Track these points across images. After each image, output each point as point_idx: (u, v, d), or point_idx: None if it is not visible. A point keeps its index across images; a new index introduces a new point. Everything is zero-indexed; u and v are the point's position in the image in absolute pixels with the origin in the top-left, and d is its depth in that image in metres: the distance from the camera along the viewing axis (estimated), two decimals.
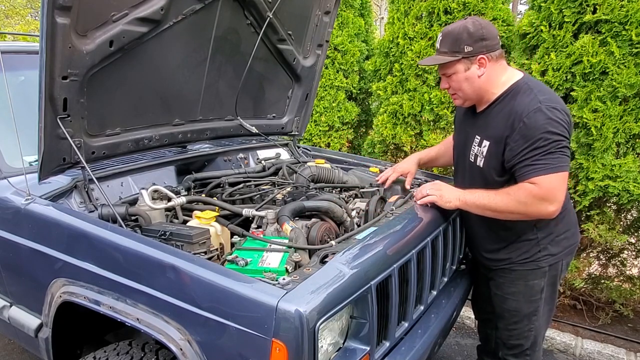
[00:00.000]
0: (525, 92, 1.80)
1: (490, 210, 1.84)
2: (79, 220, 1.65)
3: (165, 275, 1.40)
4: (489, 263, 2.10)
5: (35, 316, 1.89)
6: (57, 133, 1.73)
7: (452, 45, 1.82)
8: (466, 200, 1.90)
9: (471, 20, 1.83)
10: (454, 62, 1.84)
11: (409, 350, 1.66)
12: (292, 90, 2.97)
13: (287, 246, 1.57)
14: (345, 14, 4.40)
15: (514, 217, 1.83)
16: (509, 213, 1.81)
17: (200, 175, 2.40)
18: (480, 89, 1.88)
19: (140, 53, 1.94)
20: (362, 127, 4.92)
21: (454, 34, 1.82)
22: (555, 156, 1.70)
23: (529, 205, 1.74)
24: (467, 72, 1.84)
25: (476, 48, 1.80)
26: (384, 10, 17.60)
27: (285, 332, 1.18)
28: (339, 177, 2.54)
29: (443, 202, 1.95)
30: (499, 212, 1.82)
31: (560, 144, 1.70)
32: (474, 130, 1.99)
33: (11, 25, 15.02)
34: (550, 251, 1.93)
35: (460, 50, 1.81)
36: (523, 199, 1.74)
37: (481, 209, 1.86)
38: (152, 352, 1.60)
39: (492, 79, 1.86)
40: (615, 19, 2.67)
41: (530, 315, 2.01)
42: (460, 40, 1.80)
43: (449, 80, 1.91)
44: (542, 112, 1.71)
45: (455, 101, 2.01)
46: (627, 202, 2.85)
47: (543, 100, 1.74)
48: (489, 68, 1.84)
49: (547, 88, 1.86)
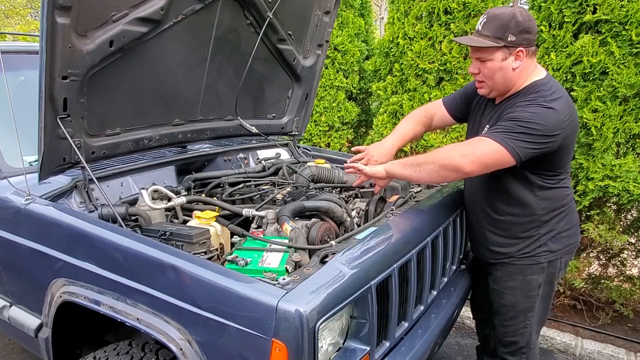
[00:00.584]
0: (537, 91, 1.78)
1: (410, 164, 1.84)
2: (79, 220, 1.65)
3: (165, 275, 1.40)
4: (489, 256, 2.10)
5: (35, 316, 1.89)
6: (57, 133, 1.73)
7: (496, 31, 1.74)
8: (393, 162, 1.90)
9: (519, 10, 1.76)
10: (494, 48, 1.76)
11: (409, 350, 1.66)
12: (292, 90, 2.98)
13: (287, 246, 1.57)
14: (345, 14, 4.41)
15: (429, 167, 1.79)
16: (426, 163, 1.79)
17: (200, 175, 2.40)
18: (511, 81, 1.83)
19: (140, 53, 1.94)
20: (362, 127, 4.93)
21: (501, 20, 1.74)
22: (514, 135, 1.67)
23: (444, 152, 1.74)
24: (503, 61, 1.78)
25: (519, 39, 1.74)
26: (384, 10, 17.60)
27: (285, 332, 1.18)
28: (339, 177, 2.54)
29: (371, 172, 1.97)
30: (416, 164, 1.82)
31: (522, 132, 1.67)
32: (485, 120, 1.98)
33: (11, 25, 15.01)
34: (550, 247, 1.94)
35: (504, 37, 1.73)
36: (445, 148, 1.75)
37: (403, 165, 1.87)
38: (152, 352, 1.60)
39: (522, 73, 1.82)
40: (615, 19, 2.67)
41: (527, 311, 2.02)
42: (507, 28, 1.73)
43: (482, 66, 1.83)
44: (534, 106, 1.71)
45: (480, 90, 1.93)
46: (627, 202, 2.86)
47: (546, 98, 1.73)
48: (524, 62, 1.79)
49: (565, 95, 1.80)
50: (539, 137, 1.68)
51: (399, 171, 1.90)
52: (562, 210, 1.92)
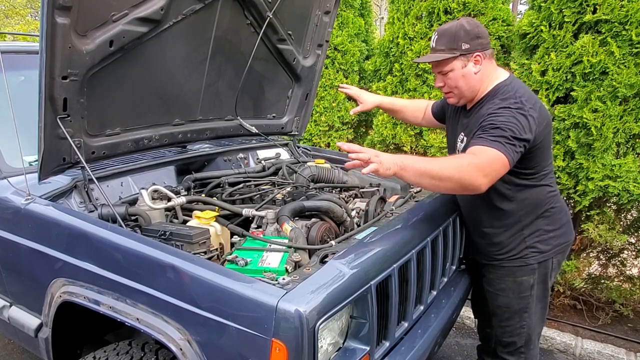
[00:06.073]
0: (504, 94, 1.83)
1: (428, 175, 1.70)
2: (79, 220, 1.65)
3: (165, 275, 1.40)
4: (480, 257, 2.13)
5: (35, 316, 1.89)
6: (57, 133, 1.73)
7: (449, 43, 1.84)
8: (404, 165, 1.71)
9: (465, 20, 1.86)
10: (451, 59, 1.85)
11: (409, 350, 1.66)
12: (292, 90, 2.98)
13: (287, 246, 1.57)
14: (345, 14, 4.40)
15: (449, 184, 1.72)
16: (446, 179, 1.69)
17: (200, 175, 2.40)
18: (475, 86, 1.90)
19: (140, 53, 1.94)
20: (362, 127, 4.92)
21: (450, 32, 1.84)
22: (504, 140, 1.68)
23: (464, 172, 1.67)
24: (464, 68, 1.86)
25: (473, 45, 1.82)
26: (384, 10, 17.59)
27: (285, 332, 1.18)
28: (339, 177, 2.54)
29: (383, 169, 1.75)
30: (435, 177, 1.70)
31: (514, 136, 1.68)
32: (459, 128, 2.04)
33: (11, 25, 15.02)
34: (538, 249, 1.95)
35: (457, 47, 1.83)
36: (459, 165, 1.69)
37: (419, 174, 1.72)
38: (152, 352, 1.60)
39: (485, 77, 1.89)
40: (615, 19, 2.67)
41: (521, 312, 2.03)
42: (458, 38, 1.82)
43: (445, 78, 1.91)
44: (506, 110, 1.74)
45: (449, 99, 2.01)
46: (627, 202, 2.86)
47: (513, 103, 1.76)
48: (484, 65, 1.87)
49: (530, 93, 1.86)
50: (519, 140, 1.69)
51: (413, 178, 1.75)
52: (546, 210, 1.93)
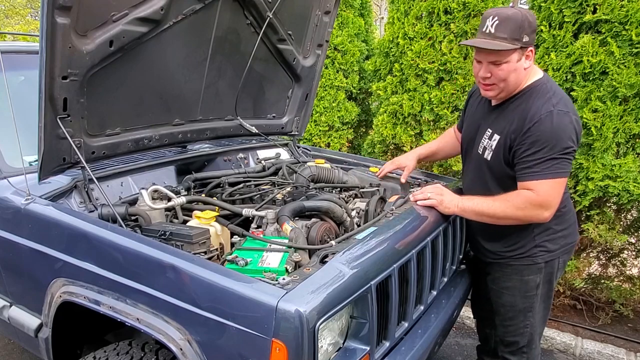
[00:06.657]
0: (542, 93, 1.79)
1: (488, 216, 1.86)
2: (79, 220, 1.65)
3: (165, 275, 1.40)
4: (486, 255, 2.12)
5: (35, 316, 1.89)
6: (57, 133, 1.73)
7: (513, 32, 1.70)
8: (464, 207, 1.92)
9: (526, 10, 1.75)
10: (511, 50, 1.72)
11: (409, 350, 1.66)
12: (292, 90, 2.98)
13: (287, 246, 1.57)
14: (345, 14, 4.40)
15: (510, 222, 1.86)
16: (506, 219, 1.84)
17: (200, 175, 2.40)
18: (520, 81, 1.82)
19: (140, 53, 1.94)
20: (362, 127, 4.93)
21: (516, 21, 1.70)
22: (557, 162, 1.71)
23: (525, 210, 1.77)
24: (518, 62, 1.76)
25: (531, 39, 1.74)
26: (384, 10, 17.59)
27: (285, 332, 1.18)
28: (339, 177, 2.54)
29: (442, 207, 1.96)
30: (495, 218, 1.85)
31: (565, 151, 1.70)
32: (486, 123, 1.98)
33: (11, 25, 15.01)
34: (547, 248, 1.95)
35: (520, 38, 1.71)
36: (520, 204, 1.77)
37: (479, 215, 1.89)
38: (152, 352, 1.60)
39: (528, 73, 1.82)
40: (615, 19, 2.67)
41: (526, 311, 2.02)
42: (522, 29, 1.70)
43: (496, 69, 1.77)
44: (552, 117, 1.71)
45: (489, 92, 1.87)
46: (627, 202, 2.85)
47: (556, 104, 1.74)
48: (531, 62, 1.80)
49: (563, 92, 1.84)
50: (568, 150, 1.72)
51: (473, 217, 1.93)
52: (557, 209, 1.93)
